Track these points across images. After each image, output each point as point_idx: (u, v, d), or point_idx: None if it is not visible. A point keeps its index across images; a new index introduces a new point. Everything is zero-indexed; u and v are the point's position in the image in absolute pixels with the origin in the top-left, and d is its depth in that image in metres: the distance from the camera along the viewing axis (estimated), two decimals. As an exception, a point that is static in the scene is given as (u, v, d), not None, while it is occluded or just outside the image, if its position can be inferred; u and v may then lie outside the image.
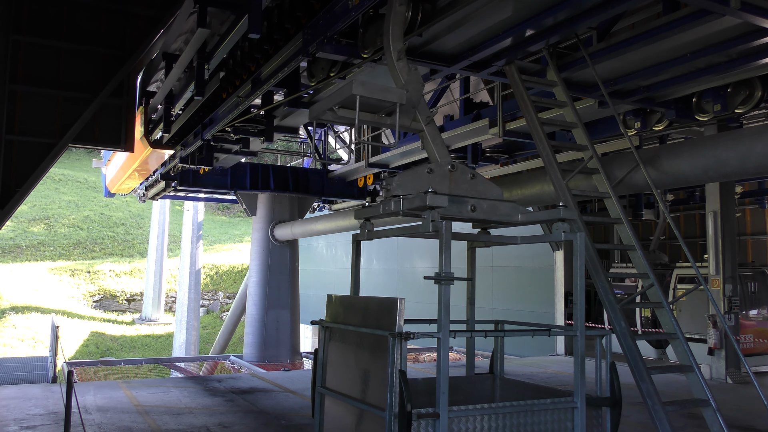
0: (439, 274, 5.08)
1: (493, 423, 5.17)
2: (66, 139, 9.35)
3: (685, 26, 6.42)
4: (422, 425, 4.76)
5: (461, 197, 5.36)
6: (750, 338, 14.41)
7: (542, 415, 5.37)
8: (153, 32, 9.60)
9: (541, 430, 5.33)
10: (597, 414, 5.58)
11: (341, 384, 5.71)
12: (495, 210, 5.56)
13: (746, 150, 8.07)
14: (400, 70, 6.06)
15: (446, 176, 5.38)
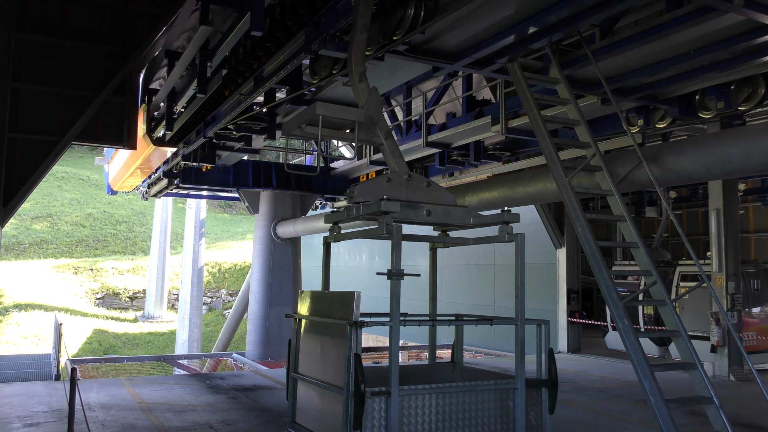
0: (391, 271, 5.69)
1: (440, 401, 5.80)
2: (69, 137, 9.37)
3: (689, 23, 6.40)
4: (376, 402, 5.41)
5: (417, 203, 6.04)
6: (753, 335, 14.39)
7: (486, 395, 6.05)
8: (155, 30, 9.61)
9: (485, 408, 6.00)
10: (537, 394, 6.35)
11: (310, 369, 6.39)
12: (449, 214, 6.29)
13: (749, 147, 8.05)
14: (362, 90, 6.67)
15: (404, 184, 6.14)
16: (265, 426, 8.70)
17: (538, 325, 6.73)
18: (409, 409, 5.64)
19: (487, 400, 6.04)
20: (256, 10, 7.26)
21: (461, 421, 5.88)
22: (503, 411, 6.11)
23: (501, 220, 6.44)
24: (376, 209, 5.78)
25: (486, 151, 13.06)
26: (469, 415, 5.95)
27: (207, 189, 19.58)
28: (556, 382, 6.24)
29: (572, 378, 12.98)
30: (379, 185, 6.05)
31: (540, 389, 6.35)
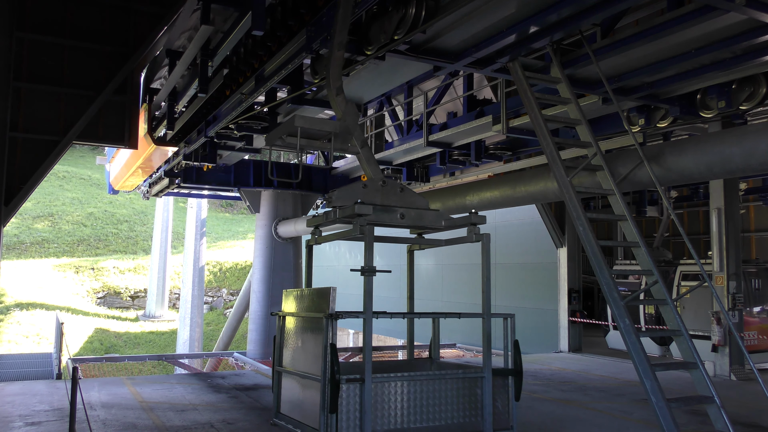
0: (364, 268, 6.19)
1: (411, 388, 6.32)
2: (70, 137, 9.37)
3: (690, 22, 6.40)
4: (351, 389, 5.93)
5: (391, 207, 6.56)
6: (754, 335, 14.39)
7: (454, 383, 6.59)
8: (156, 29, 9.60)
9: (454, 395, 6.52)
10: (504, 383, 6.87)
11: (293, 362, 6.97)
12: (422, 217, 6.82)
13: (751, 146, 8.05)
14: (339, 103, 7.20)
15: (378, 190, 6.64)
16: (266, 425, 8.70)
17: (505, 318, 7.25)
18: (381, 395, 6.12)
19: (455, 388, 6.54)
20: (257, 10, 7.26)
21: (431, 407, 6.36)
22: (472, 398, 6.59)
23: (469, 222, 6.97)
24: (351, 212, 6.28)
25: (487, 151, 13.06)
26: (439, 401, 6.42)
27: (208, 188, 19.58)
28: (520, 372, 6.81)
29: (573, 377, 12.97)
30: (355, 190, 6.56)
31: (507, 378, 6.86)
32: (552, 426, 8.75)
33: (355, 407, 5.93)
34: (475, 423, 6.58)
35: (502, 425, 6.74)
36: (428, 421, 6.36)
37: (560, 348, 17.55)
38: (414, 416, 6.26)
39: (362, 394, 5.95)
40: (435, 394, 6.41)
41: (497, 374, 6.79)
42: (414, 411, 6.26)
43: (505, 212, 19.70)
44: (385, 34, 7.02)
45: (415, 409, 6.27)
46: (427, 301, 24.10)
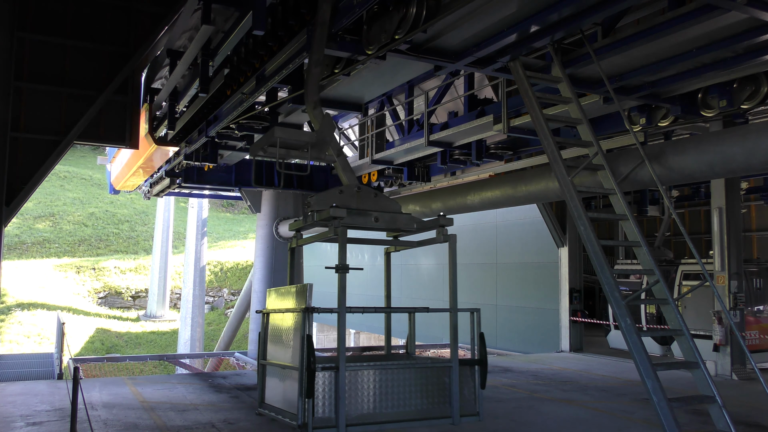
0: (338, 266, 6.79)
1: (381, 376, 6.85)
2: (71, 136, 9.38)
3: (691, 22, 6.39)
4: (326, 376, 6.50)
5: (366, 211, 7.05)
6: (755, 335, 14.38)
7: (423, 372, 7.18)
8: (157, 29, 9.60)
9: (423, 384, 7.08)
10: (471, 372, 7.41)
11: (276, 355, 7.49)
12: (395, 220, 7.33)
13: (752, 146, 8.05)
14: (316, 116, 7.77)
15: (354, 195, 7.17)
16: (268, 425, 8.70)
17: (471, 312, 7.75)
18: (355, 383, 6.65)
19: (425, 377, 7.08)
20: (257, 9, 7.26)
21: (402, 395, 6.90)
22: (440, 387, 7.11)
23: (438, 224, 7.58)
24: (326, 216, 6.83)
25: (488, 150, 13.04)
26: (409, 389, 6.94)
27: (209, 188, 19.58)
28: (485, 362, 7.40)
29: (574, 377, 12.97)
30: (332, 196, 7.13)
31: (473, 367, 7.41)
32: (553, 426, 8.74)
33: (330, 393, 6.49)
34: (443, 409, 7.14)
35: (468, 411, 7.34)
36: (399, 407, 6.90)
37: (561, 348, 17.55)
38: (385, 402, 6.80)
39: (337, 381, 6.48)
40: (405, 382, 6.92)
41: (464, 364, 7.33)
42: (385, 398, 6.79)
43: (506, 212, 19.70)
44: (386, 34, 7.02)
45: (386, 395, 6.79)
46: (429, 300, 24.08)
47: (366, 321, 28.55)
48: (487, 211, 18.71)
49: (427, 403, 6.99)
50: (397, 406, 6.89)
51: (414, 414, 6.96)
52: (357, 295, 28.84)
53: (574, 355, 16.82)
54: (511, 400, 10.50)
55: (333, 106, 10.64)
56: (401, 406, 6.91)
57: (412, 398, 6.92)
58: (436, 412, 7.10)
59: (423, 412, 7.03)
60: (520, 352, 18.38)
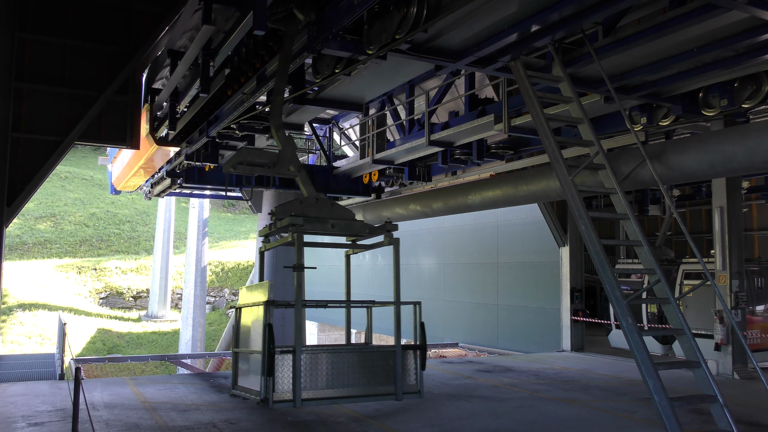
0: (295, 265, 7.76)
1: (335, 358, 7.84)
2: (72, 137, 9.38)
3: (692, 21, 6.39)
4: (284, 358, 7.50)
5: (323, 218, 8.07)
6: (757, 334, 14.37)
7: (371, 356, 8.17)
8: (158, 29, 9.61)
9: (369, 365, 8.03)
10: (413, 356, 8.38)
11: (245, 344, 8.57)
12: (349, 227, 8.41)
13: (754, 145, 8.05)
14: (280, 137, 8.83)
15: (313, 205, 8.18)
16: (269, 425, 8.71)
17: (414, 305, 8.71)
18: (310, 364, 7.66)
19: (372, 360, 8.08)
20: (258, 9, 7.26)
21: (351, 375, 7.89)
22: (386, 368, 8.08)
23: (385, 229, 8.49)
24: (286, 223, 7.85)
25: (489, 150, 13.04)
26: (358, 371, 7.96)
27: (210, 188, 19.56)
28: (425, 347, 8.42)
29: (576, 376, 12.97)
30: (294, 206, 8.12)
31: (415, 352, 8.40)
32: (555, 425, 8.74)
33: (289, 374, 7.48)
34: (389, 388, 8.15)
35: (411, 389, 8.36)
36: (349, 386, 7.88)
37: (563, 347, 17.54)
38: (337, 381, 7.80)
39: (294, 362, 7.47)
40: (354, 365, 7.92)
41: (406, 349, 8.34)
42: (337, 378, 7.79)
43: (507, 211, 19.69)
44: (387, 34, 7.01)
45: (338, 376, 7.79)
46: (430, 300, 24.09)
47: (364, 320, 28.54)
48: (488, 211, 18.71)
49: (374, 383, 8.03)
50: (348, 385, 7.89)
51: (363, 391, 8.05)
52: (357, 295, 28.82)
53: (576, 354, 16.82)
54: (513, 399, 10.50)
55: (334, 105, 10.64)
56: (351, 385, 7.92)
57: (361, 378, 7.95)
58: (382, 390, 8.14)
59: (371, 390, 8.10)
60: (521, 352, 18.38)
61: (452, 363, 15.31)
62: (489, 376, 13.04)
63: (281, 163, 8.72)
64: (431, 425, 8.68)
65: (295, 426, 8.66)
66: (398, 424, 8.70)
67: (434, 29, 6.92)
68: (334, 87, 9.77)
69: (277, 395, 7.49)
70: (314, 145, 22.35)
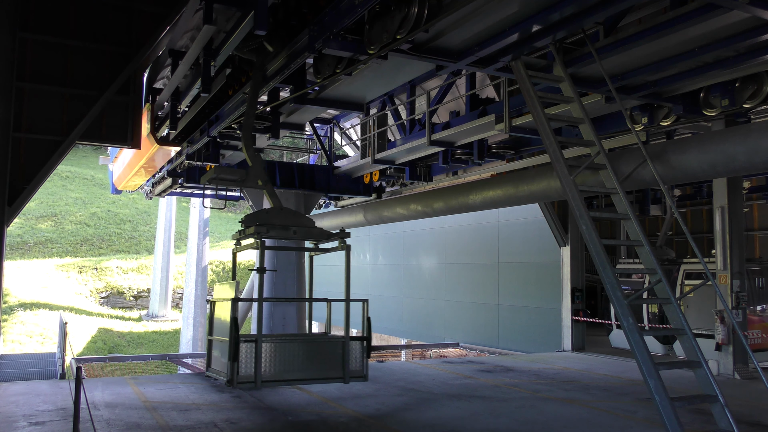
0: (258, 268, 8.92)
1: (291, 347, 8.93)
2: (73, 137, 9.39)
3: (693, 21, 6.38)
4: (248, 347, 8.51)
5: (287, 226, 9.09)
6: (758, 333, 14.37)
7: (323, 345, 9.35)
8: (159, 29, 9.61)
9: (322, 353, 9.20)
10: (360, 346, 9.32)
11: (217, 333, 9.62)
12: (309, 233, 9.41)
13: (754, 145, 8.05)
14: (249, 155, 9.69)
15: (278, 214, 9.24)
16: (270, 425, 8.72)
17: (362, 302, 9.61)
18: (269, 351, 8.68)
19: (324, 349, 9.24)
20: (259, 9, 7.26)
21: (306, 361, 8.97)
22: (336, 357, 9.16)
23: (339, 236, 9.46)
24: (252, 231, 8.88)
25: (490, 150, 13.04)
26: (312, 357, 9.04)
27: (211, 188, 19.59)
28: (369, 338, 9.35)
29: (577, 376, 12.97)
30: (261, 215, 9.16)
31: (361, 342, 9.32)
32: (555, 425, 8.75)
33: (251, 359, 8.47)
34: (338, 372, 9.16)
35: (357, 374, 9.28)
36: (304, 370, 8.95)
37: (563, 347, 17.54)
38: (293, 366, 8.84)
39: (256, 350, 8.52)
40: (309, 352, 9.03)
41: (353, 339, 9.27)
42: (293, 363, 8.84)
43: (508, 211, 19.69)
44: (388, 34, 7.01)
45: (294, 362, 8.84)
46: (430, 299, 24.10)
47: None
48: (489, 211, 18.71)
49: (326, 368, 9.11)
50: (303, 369, 8.95)
51: (316, 375, 9.11)
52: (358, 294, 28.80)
53: (576, 354, 16.82)
54: (514, 399, 10.50)
55: (335, 105, 10.65)
56: (306, 370, 8.98)
57: (314, 364, 9.03)
58: (333, 374, 9.17)
59: (323, 374, 9.15)
60: (521, 352, 18.38)
61: (453, 363, 15.32)
62: (490, 376, 13.04)
63: (250, 178, 9.78)
64: (432, 425, 8.69)
65: (296, 426, 8.67)
66: (398, 424, 8.72)
67: (435, 29, 6.92)
68: (335, 87, 9.77)
69: (240, 377, 8.50)
70: (315, 145, 22.36)
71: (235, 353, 8.39)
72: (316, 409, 9.73)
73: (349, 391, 11.17)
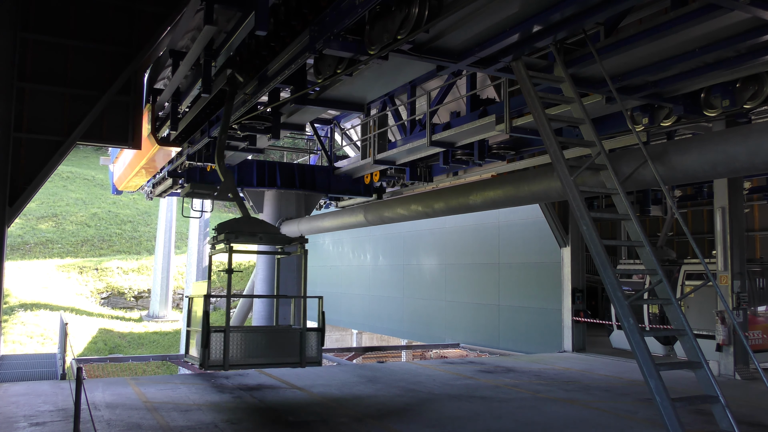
0: (226, 269, 9.91)
1: (255, 337, 10.17)
2: (74, 137, 9.40)
3: (694, 21, 6.38)
4: (217, 336, 9.60)
5: (254, 233, 10.26)
6: (758, 334, 14.36)
7: (282, 335, 10.52)
8: (160, 29, 9.63)
9: (282, 342, 10.35)
10: (315, 336, 10.44)
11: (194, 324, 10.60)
12: (273, 239, 10.65)
13: (755, 145, 8.03)
14: (221, 171, 10.74)
15: (248, 222, 10.38)
16: (270, 425, 8.72)
17: (318, 298, 10.77)
18: (236, 340, 9.85)
19: (283, 338, 10.43)
20: (260, 10, 7.26)
21: (268, 348, 10.14)
22: (294, 345, 10.32)
23: (299, 241, 10.63)
24: (223, 238, 10.01)
25: (490, 150, 13.03)
26: (273, 345, 10.25)
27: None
28: (323, 330, 10.48)
29: (577, 377, 12.96)
30: (232, 223, 10.22)
31: (317, 333, 10.44)
32: (556, 426, 8.74)
33: (221, 346, 9.63)
34: (296, 357, 10.29)
35: (313, 360, 10.47)
36: (266, 356, 10.09)
37: (564, 348, 17.54)
38: (257, 352, 10.00)
39: (225, 338, 9.64)
40: (271, 341, 10.25)
41: (309, 330, 10.40)
42: (256, 350, 10.02)
43: (508, 212, 19.69)
44: (389, 34, 7.01)
45: (257, 349, 10.04)
46: (431, 300, 24.09)
47: (368, 322, 28.58)
48: (490, 211, 18.71)
49: (285, 354, 10.28)
50: (265, 355, 10.09)
51: (276, 360, 10.27)
52: (358, 295, 28.87)
53: (577, 355, 16.81)
54: (514, 400, 10.50)
55: (335, 106, 10.64)
56: (268, 356, 10.13)
57: (275, 351, 10.21)
58: (291, 360, 10.31)
59: (282, 359, 10.30)
60: (522, 352, 18.38)
61: (454, 363, 15.32)
62: (490, 376, 13.04)
63: (221, 192, 11.09)
64: (433, 425, 8.69)
65: (297, 426, 8.67)
66: (399, 425, 8.71)
67: (436, 29, 6.91)
68: (335, 87, 9.77)
69: (211, 361, 9.63)
70: (316, 146, 22.37)
71: (207, 341, 9.53)
72: (316, 410, 9.74)
73: (350, 392, 11.18)
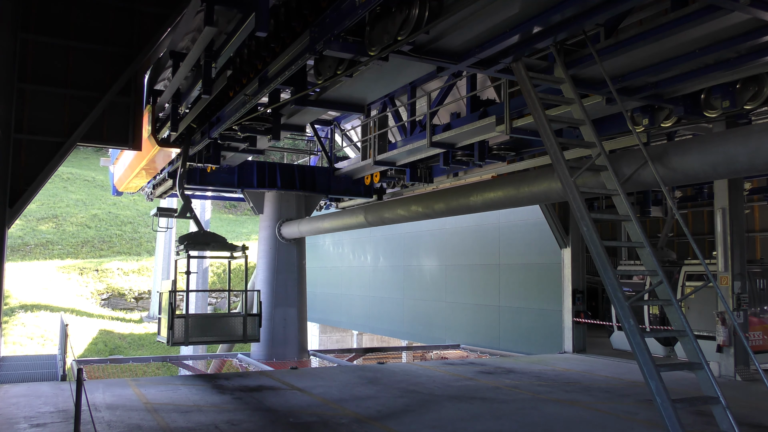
0: (186, 272, 12.66)
1: (208, 321, 13.34)
2: (74, 138, 9.41)
3: (694, 22, 6.39)
4: (180, 321, 12.44)
5: (206, 242, 13.23)
6: (759, 335, 14.35)
7: (228, 320, 13.41)
8: (160, 31, 9.63)
9: (230, 326, 13.26)
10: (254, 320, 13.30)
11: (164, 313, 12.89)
12: (223, 246, 13.46)
13: (755, 146, 8.02)
14: (181, 195, 13.89)
15: (202, 235, 13.25)
16: (271, 426, 8.71)
17: (255, 292, 14.71)
18: (194, 324, 12.68)
19: (231, 322, 13.33)
20: (260, 11, 7.27)
21: (219, 329, 13.12)
22: (239, 327, 13.19)
23: (241, 248, 13.62)
24: (181, 247, 12.90)
25: (490, 151, 13.04)
26: (222, 327, 13.20)
27: (211, 190, 19.60)
28: (260, 315, 13.59)
29: (578, 378, 12.96)
30: (190, 236, 13.12)
31: (254, 318, 13.32)
32: (556, 427, 8.74)
33: (183, 328, 12.41)
34: (240, 337, 13.15)
35: (253, 337, 13.36)
36: (218, 335, 13.15)
37: (564, 349, 17.53)
38: (211, 332, 12.96)
39: (185, 323, 12.48)
40: (221, 324, 13.24)
41: (250, 316, 13.24)
42: (210, 330, 12.96)
43: (508, 213, 19.68)
44: (389, 35, 7.01)
45: (211, 329, 12.98)
46: (431, 301, 24.09)
47: (368, 323, 28.58)
48: (490, 212, 18.71)
49: (232, 333, 13.22)
50: (218, 334, 13.15)
51: (225, 337, 13.43)
52: (358, 296, 28.88)
53: (577, 356, 16.81)
54: (515, 401, 10.50)
55: (335, 107, 10.64)
56: (219, 334, 13.20)
57: (224, 330, 13.18)
58: (236, 337, 13.24)
59: (230, 337, 13.37)
60: (522, 353, 18.37)
61: (454, 364, 15.31)
62: (491, 377, 13.04)
63: (182, 212, 13.97)
64: (433, 426, 8.68)
65: (297, 427, 8.67)
66: (400, 426, 8.71)
67: (436, 31, 6.92)
68: (335, 88, 9.77)
69: (175, 339, 12.39)
70: (316, 147, 22.38)
71: (171, 324, 12.38)
72: (317, 411, 9.74)
73: (350, 393, 11.17)
